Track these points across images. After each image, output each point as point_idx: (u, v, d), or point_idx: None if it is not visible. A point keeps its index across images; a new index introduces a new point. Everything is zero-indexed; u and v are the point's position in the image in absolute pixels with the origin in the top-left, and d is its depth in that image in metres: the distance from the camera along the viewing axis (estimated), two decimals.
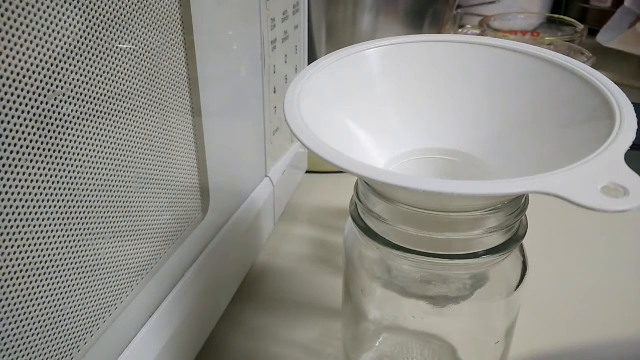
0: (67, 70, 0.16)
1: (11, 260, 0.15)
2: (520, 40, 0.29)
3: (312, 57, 0.41)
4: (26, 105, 0.14)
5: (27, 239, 0.15)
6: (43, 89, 0.15)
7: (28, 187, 0.15)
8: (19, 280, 0.15)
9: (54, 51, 0.15)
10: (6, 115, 0.14)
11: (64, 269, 0.17)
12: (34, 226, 0.15)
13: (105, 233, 0.19)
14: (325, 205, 0.42)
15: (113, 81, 0.18)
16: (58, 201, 0.16)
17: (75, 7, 0.16)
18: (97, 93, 0.17)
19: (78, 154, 0.17)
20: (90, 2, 0.16)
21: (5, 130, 0.14)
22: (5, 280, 0.15)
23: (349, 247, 0.23)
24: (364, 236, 0.21)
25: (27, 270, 0.15)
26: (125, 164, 0.19)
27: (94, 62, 0.17)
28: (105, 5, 0.17)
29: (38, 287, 0.16)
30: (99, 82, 0.17)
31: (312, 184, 0.45)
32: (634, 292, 0.34)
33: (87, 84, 0.17)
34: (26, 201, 0.15)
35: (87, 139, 0.17)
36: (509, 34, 0.59)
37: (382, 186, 0.19)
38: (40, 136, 0.15)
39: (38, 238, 0.16)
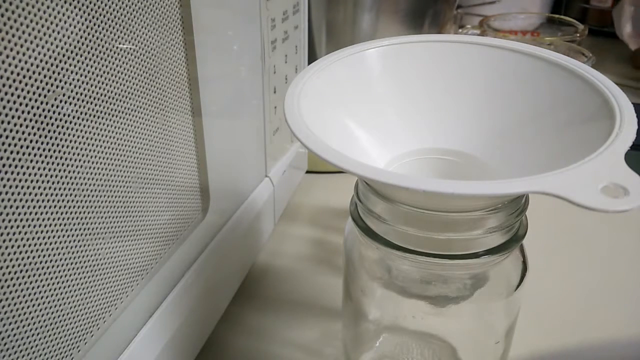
0: (67, 70, 0.16)
1: (11, 260, 0.15)
2: (520, 40, 0.29)
3: (312, 57, 0.41)
4: (26, 105, 0.14)
5: (27, 239, 0.15)
6: (43, 89, 0.15)
7: (28, 187, 0.15)
8: (19, 280, 0.15)
9: (54, 51, 0.15)
10: (6, 115, 0.14)
11: (64, 269, 0.17)
12: (34, 226, 0.15)
13: (105, 233, 0.19)
14: (325, 205, 0.42)
15: (113, 81, 0.18)
16: (58, 201, 0.16)
17: (75, 7, 0.16)
18: (97, 93, 0.17)
19: (78, 154, 0.17)
20: (90, 2, 0.16)
21: (5, 130, 0.14)
22: (5, 280, 0.15)
23: (349, 247, 0.23)
24: (364, 236, 0.21)
25: (27, 270, 0.15)
26: (125, 164, 0.19)
27: (94, 62, 0.17)
28: (105, 5, 0.17)
29: (38, 287, 0.16)
30: (99, 82, 0.17)
31: (312, 184, 0.45)
32: (634, 292, 0.34)
33: (87, 84, 0.17)
34: (26, 201, 0.15)
35: (87, 139, 0.17)
36: (509, 34, 0.59)
37: (382, 186, 0.19)
38: (40, 136, 0.15)
39: (38, 238, 0.16)
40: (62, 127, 0.16)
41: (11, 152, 0.14)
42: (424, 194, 0.15)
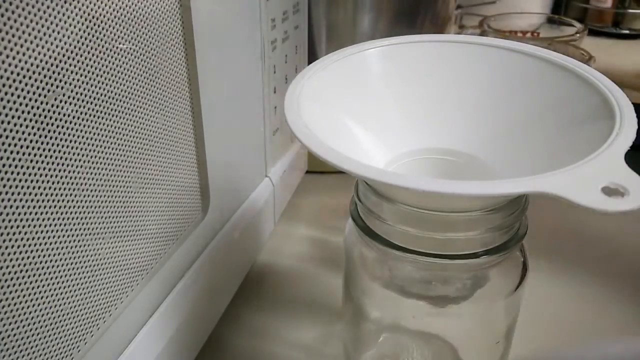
0: (67, 70, 0.16)
1: (11, 260, 0.15)
2: (520, 40, 0.29)
3: (312, 57, 0.41)
4: (26, 105, 0.14)
5: (27, 239, 0.15)
6: (43, 89, 0.15)
7: (28, 187, 0.15)
8: (19, 280, 0.15)
9: (54, 51, 0.15)
10: (6, 115, 0.14)
11: (64, 269, 0.17)
12: (34, 226, 0.15)
13: (105, 233, 0.19)
14: (325, 205, 0.42)
15: (113, 81, 0.18)
16: (58, 201, 0.16)
17: (75, 7, 0.16)
18: (97, 93, 0.17)
19: (78, 154, 0.17)
20: (90, 2, 0.16)
21: (5, 130, 0.14)
22: (5, 280, 0.15)
23: (349, 247, 0.23)
24: (364, 236, 0.21)
25: (27, 270, 0.15)
26: (125, 164, 0.19)
27: (94, 62, 0.17)
28: (105, 5, 0.17)
29: (38, 287, 0.16)
30: (99, 82, 0.17)
31: (312, 184, 0.45)
32: (634, 292, 0.34)
33: (87, 84, 0.17)
34: (26, 201, 0.15)
35: (87, 139, 0.17)
36: (509, 34, 0.59)
37: (382, 186, 0.19)
38: (40, 136, 0.15)
39: (38, 238, 0.16)
40: (62, 127, 0.16)
41: (11, 152, 0.14)
42: (424, 194, 0.15)
